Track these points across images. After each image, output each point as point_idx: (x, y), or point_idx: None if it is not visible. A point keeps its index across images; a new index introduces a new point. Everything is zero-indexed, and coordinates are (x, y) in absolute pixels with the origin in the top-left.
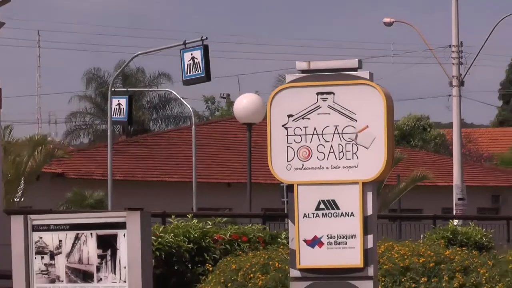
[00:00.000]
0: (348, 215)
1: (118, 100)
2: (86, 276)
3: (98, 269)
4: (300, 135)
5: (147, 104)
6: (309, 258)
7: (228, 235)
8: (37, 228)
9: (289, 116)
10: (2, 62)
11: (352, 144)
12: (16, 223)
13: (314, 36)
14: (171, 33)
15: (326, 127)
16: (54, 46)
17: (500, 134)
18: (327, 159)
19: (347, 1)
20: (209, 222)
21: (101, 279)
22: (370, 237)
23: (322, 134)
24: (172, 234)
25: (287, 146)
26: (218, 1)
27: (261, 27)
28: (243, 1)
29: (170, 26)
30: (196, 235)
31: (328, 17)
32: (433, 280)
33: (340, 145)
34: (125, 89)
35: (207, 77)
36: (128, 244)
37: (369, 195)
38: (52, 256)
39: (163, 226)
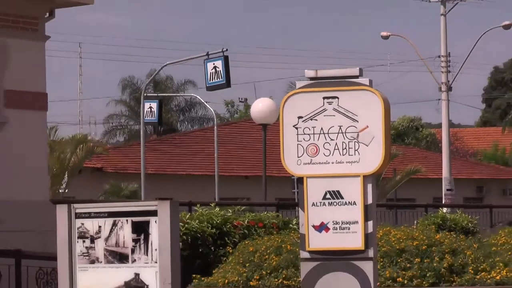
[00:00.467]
0: (351, 204)
1: (150, 104)
2: (122, 258)
3: (133, 251)
4: (308, 134)
5: (175, 107)
6: (317, 241)
7: (246, 222)
8: (79, 216)
9: (299, 117)
10: (48, 71)
11: (354, 142)
12: (61, 211)
13: (320, 47)
14: (195, 45)
15: (332, 127)
16: (93, 57)
17: (484, 133)
18: (332, 155)
19: (349, 16)
20: (229, 210)
21: (135, 260)
22: (370, 223)
23: (328, 133)
24: (197, 221)
25: (297, 144)
26: (237, 16)
27: (274, 39)
28: (258, 16)
29: (194, 39)
30: (218, 221)
31: (333, 31)
32: (425, 260)
33: (343, 143)
34: (156, 94)
35: (227, 83)
36: (159, 230)
37: (369, 186)
38: (92, 240)
39: (189, 213)
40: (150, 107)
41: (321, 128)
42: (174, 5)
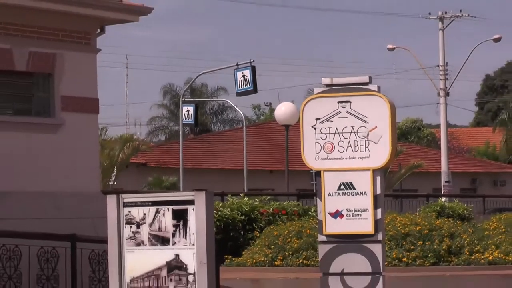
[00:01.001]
0: (362, 194)
1: (187, 108)
2: (164, 241)
3: (173, 235)
4: (325, 134)
5: (209, 110)
6: (333, 226)
7: (271, 209)
8: (126, 204)
9: (317, 119)
10: (99, 79)
11: (365, 140)
12: (111, 200)
13: (335, 58)
14: (226, 56)
15: (345, 127)
16: (138, 67)
17: (477, 132)
18: (346, 151)
19: (360, 31)
20: (256, 199)
21: (175, 243)
22: (379, 211)
23: (342, 133)
24: (228, 209)
25: (316, 142)
26: (263, 32)
27: (295, 52)
28: (281, 31)
29: (225, 50)
30: (247, 209)
31: (345, 43)
32: (427, 243)
33: (355, 141)
34: (192, 99)
35: (255, 90)
36: (196, 216)
37: (378, 179)
38: (138, 226)
39: (222, 202)
40: (188, 111)
41: (336, 128)
42: (207, 22)
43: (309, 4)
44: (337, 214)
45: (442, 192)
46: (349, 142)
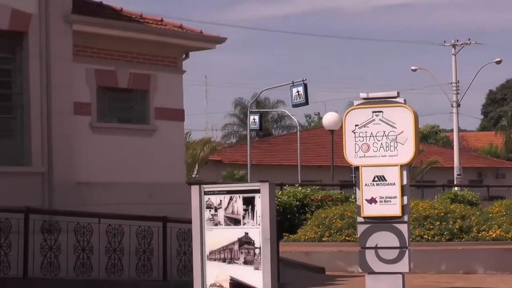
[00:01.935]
0: (392, 184)
1: (253, 117)
2: (236, 222)
3: (243, 217)
4: (362, 137)
5: (270, 119)
6: (368, 210)
7: (319, 197)
8: (206, 193)
9: (356, 125)
10: (185, 94)
11: (394, 142)
12: (194, 190)
13: (370, 77)
14: (284, 75)
15: (378, 132)
16: (215, 85)
17: (482, 136)
18: (379, 151)
19: (390, 55)
20: (308, 188)
21: (245, 223)
22: (405, 198)
23: (375, 136)
24: (286, 196)
25: (355, 144)
26: (313, 55)
27: (338, 71)
28: (329, 56)
29: (283, 70)
30: (300, 196)
31: (378, 65)
32: (443, 223)
33: (386, 143)
34: (257, 110)
35: (307, 102)
36: (261, 202)
37: (404, 172)
38: (215, 210)
39: (281, 191)
40: (254, 119)
41: (371, 133)
42: (270, 48)
43: (346, 34)
44: (372, 200)
45: (455, 183)
46: (381, 143)
